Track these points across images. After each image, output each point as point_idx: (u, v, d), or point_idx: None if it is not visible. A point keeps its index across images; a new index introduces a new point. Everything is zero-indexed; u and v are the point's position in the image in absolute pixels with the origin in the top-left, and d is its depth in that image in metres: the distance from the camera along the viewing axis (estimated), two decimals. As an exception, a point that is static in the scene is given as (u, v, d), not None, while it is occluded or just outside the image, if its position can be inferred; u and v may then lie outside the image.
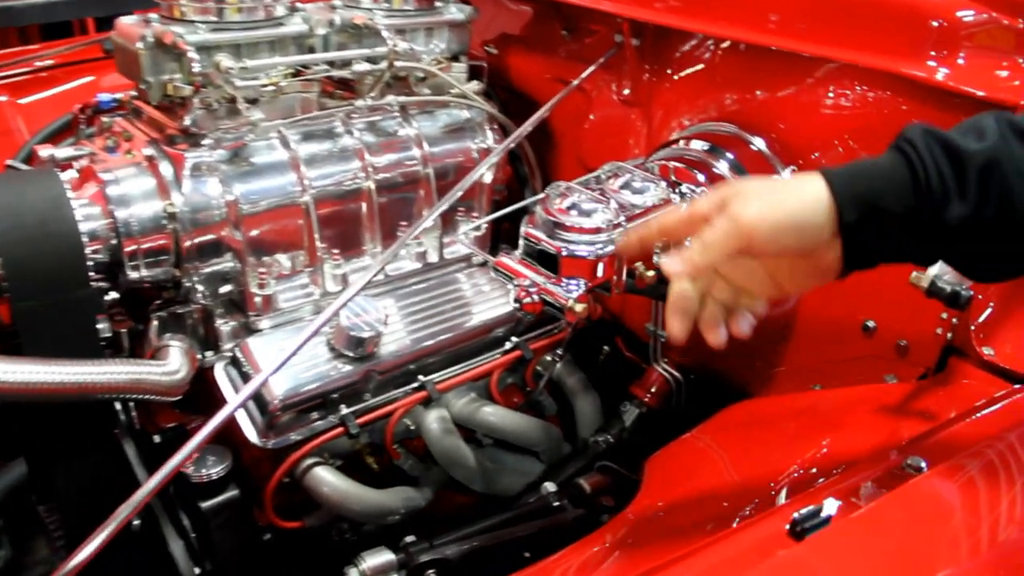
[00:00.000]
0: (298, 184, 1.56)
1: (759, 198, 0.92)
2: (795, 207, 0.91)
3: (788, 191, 0.93)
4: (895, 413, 1.33)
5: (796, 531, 1.01)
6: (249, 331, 1.59)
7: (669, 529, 1.23)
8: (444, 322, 1.68)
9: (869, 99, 1.41)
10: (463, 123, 1.78)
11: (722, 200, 0.94)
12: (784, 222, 0.91)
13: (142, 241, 1.46)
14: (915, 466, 1.12)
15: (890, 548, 1.02)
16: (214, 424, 1.19)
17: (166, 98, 1.50)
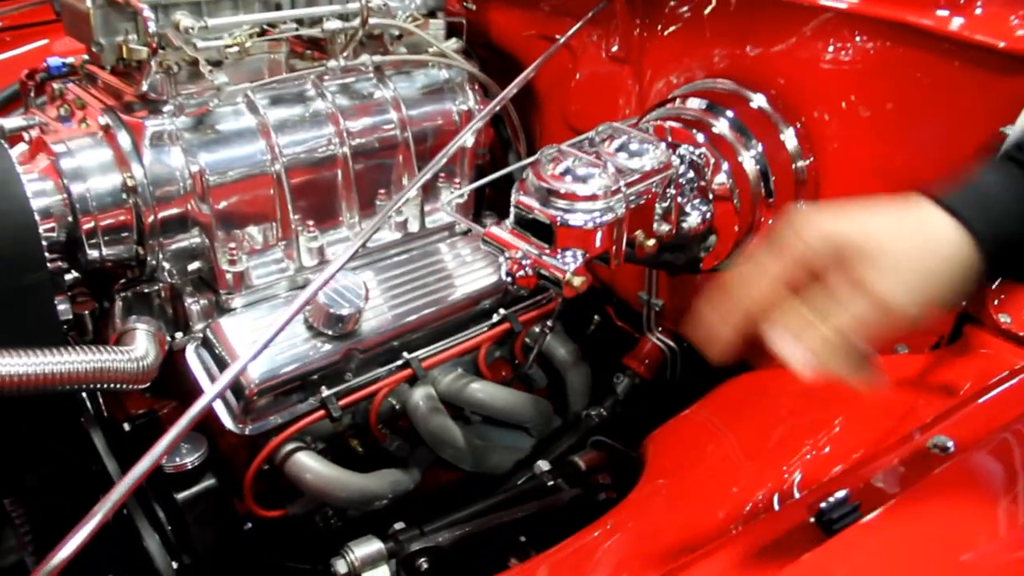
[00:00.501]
0: (268, 152, 1.44)
1: (909, 282, 0.76)
2: (943, 274, 0.78)
3: (928, 251, 0.78)
4: (912, 387, 1.24)
5: (824, 521, 0.93)
6: (221, 310, 1.48)
7: (679, 518, 1.15)
8: (428, 295, 1.58)
9: (874, 52, 1.30)
10: (442, 84, 1.66)
11: (838, 254, 0.77)
12: (935, 296, 0.78)
13: (101, 217, 1.33)
14: (941, 446, 1.04)
15: (928, 542, 0.93)
16: (191, 415, 1.08)
17: (121, 61, 1.36)
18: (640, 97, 1.57)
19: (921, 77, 1.25)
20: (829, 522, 0.93)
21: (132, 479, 1.02)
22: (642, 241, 1.25)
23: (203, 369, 1.44)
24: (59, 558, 0.98)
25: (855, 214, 0.80)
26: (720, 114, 1.35)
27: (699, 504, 1.15)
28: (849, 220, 0.79)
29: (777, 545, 0.94)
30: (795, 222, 0.81)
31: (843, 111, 1.34)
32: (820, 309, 0.79)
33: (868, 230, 0.78)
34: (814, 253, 0.79)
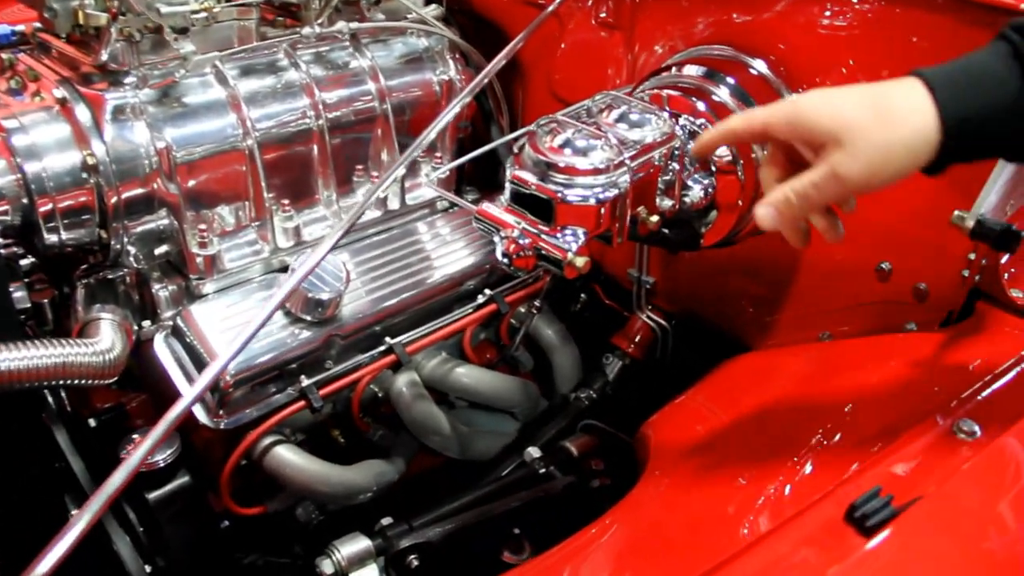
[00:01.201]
0: (239, 126, 1.33)
1: (867, 157, 0.83)
2: (904, 162, 0.84)
3: (896, 137, 0.83)
4: (927, 367, 1.18)
5: (856, 519, 0.86)
6: (191, 296, 1.38)
7: (686, 516, 1.07)
8: (410, 277, 1.48)
9: (873, 14, 1.24)
10: (421, 52, 1.55)
11: (810, 139, 0.87)
12: (891, 177, 0.84)
13: (59, 199, 1.22)
14: (968, 431, 0.98)
15: (970, 538, 0.87)
16: (168, 420, 0.98)
17: (77, 29, 1.24)
18: (631, 66, 1.49)
19: (921, 37, 1.19)
20: (863, 518, 0.86)
21: (109, 491, 0.92)
22: (645, 217, 1.16)
23: (174, 360, 1.33)
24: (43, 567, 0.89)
25: (834, 99, 0.86)
26: (721, 81, 1.27)
27: (706, 500, 1.07)
28: (828, 107, 0.86)
29: (809, 548, 0.87)
30: (785, 111, 0.89)
31: (844, 76, 1.27)
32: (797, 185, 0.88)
33: (842, 115, 0.84)
34: (795, 132, 0.88)
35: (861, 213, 1.28)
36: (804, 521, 0.89)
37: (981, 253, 1.19)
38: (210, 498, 1.39)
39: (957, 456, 0.95)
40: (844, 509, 0.87)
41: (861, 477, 0.92)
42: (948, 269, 1.22)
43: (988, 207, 1.07)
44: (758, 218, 0.91)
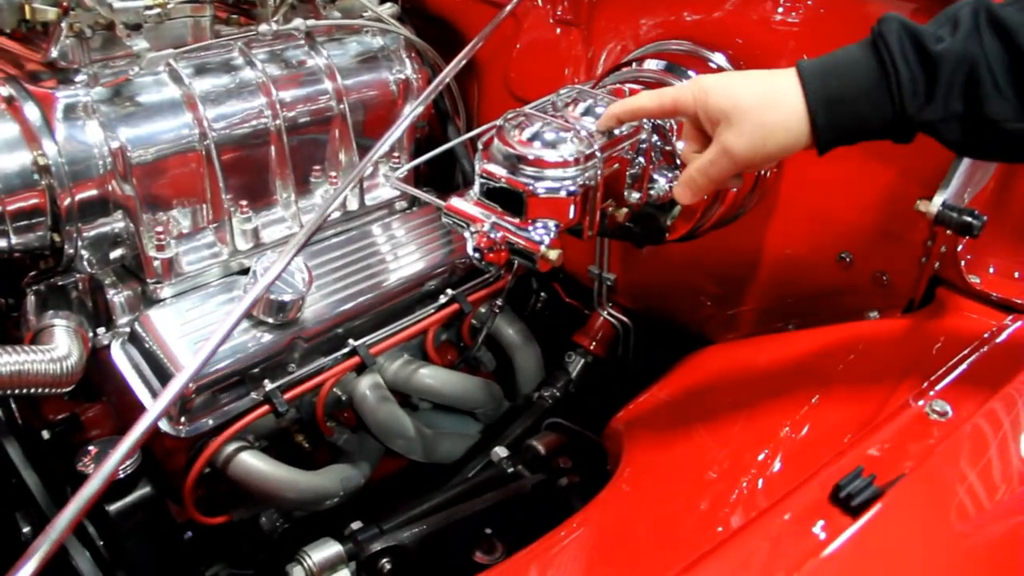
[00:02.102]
0: (196, 126, 1.29)
1: (750, 134, 0.93)
2: (783, 139, 0.93)
3: (774, 118, 0.93)
4: (892, 351, 1.20)
5: (841, 499, 0.87)
6: (148, 301, 1.33)
7: (662, 512, 1.06)
8: (372, 278, 1.46)
9: (825, 8, 1.26)
10: (377, 51, 1.53)
11: (709, 117, 0.96)
12: (773, 153, 0.94)
13: (8, 201, 1.17)
14: (940, 411, 1.00)
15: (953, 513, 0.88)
16: (133, 438, 0.93)
17: (24, 24, 1.20)
18: (589, 63, 1.49)
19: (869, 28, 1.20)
20: (848, 498, 0.87)
21: (71, 513, 0.88)
22: (614, 210, 1.16)
23: (132, 368, 1.29)
24: None
25: (730, 82, 0.97)
26: (681, 75, 1.28)
27: (679, 496, 1.07)
28: (723, 89, 0.96)
29: (797, 529, 0.87)
30: (691, 90, 0.97)
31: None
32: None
33: (733, 97, 0.95)
34: (696, 108, 0.97)
35: (821, 205, 1.31)
36: (790, 503, 0.89)
37: (939, 241, 1.21)
38: (171, 509, 1.34)
39: (932, 436, 0.96)
40: (829, 490, 0.88)
41: (842, 459, 0.93)
42: (907, 257, 1.24)
43: (952, 193, 1.09)
44: (676, 196, 1.03)
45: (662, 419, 1.28)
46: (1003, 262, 1.27)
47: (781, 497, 0.90)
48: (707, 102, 0.96)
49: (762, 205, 1.35)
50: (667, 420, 1.27)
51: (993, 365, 1.09)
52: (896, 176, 1.22)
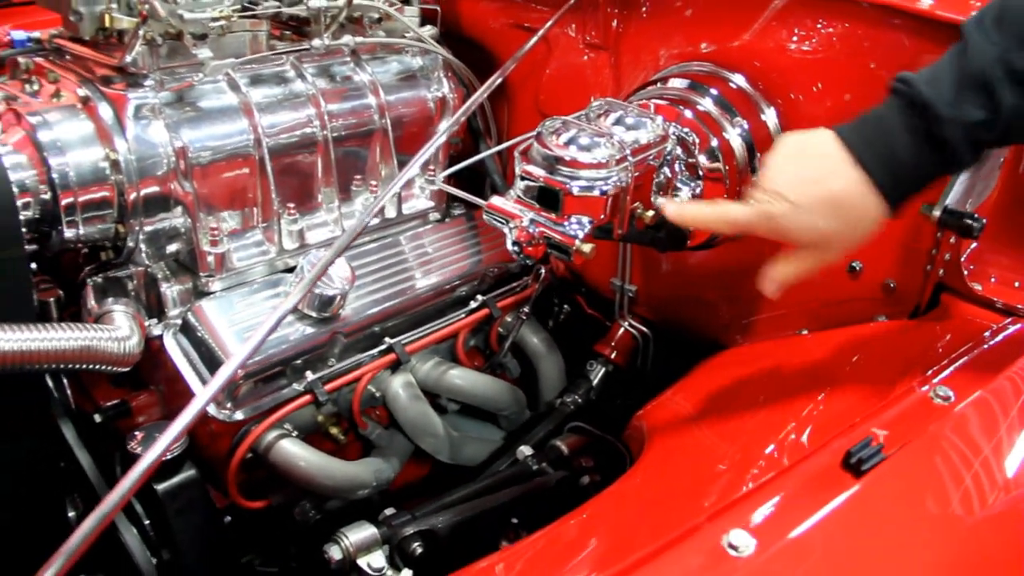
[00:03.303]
0: (251, 132, 1.42)
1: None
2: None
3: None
4: (900, 348, 1.31)
5: (851, 464, 0.97)
6: (199, 294, 1.44)
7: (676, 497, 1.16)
8: (408, 281, 1.58)
9: (838, 35, 1.38)
10: (417, 70, 1.67)
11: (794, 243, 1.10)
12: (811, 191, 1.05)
13: (81, 193, 1.29)
14: (944, 396, 1.10)
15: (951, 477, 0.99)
16: (186, 418, 1.03)
17: (101, 32, 1.33)
18: (616, 84, 1.62)
19: (889, 57, 1.32)
20: (858, 464, 0.97)
21: (123, 490, 0.95)
22: (641, 213, 1.28)
23: (183, 357, 1.40)
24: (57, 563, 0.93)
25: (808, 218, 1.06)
26: (704, 92, 1.41)
27: (688, 485, 1.16)
28: (807, 225, 1.07)
29: (809, 488, 0.97)
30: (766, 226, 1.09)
31: (815, 94, 1.41)
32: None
33: (819, 232, 1.07)
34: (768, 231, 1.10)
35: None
36: (803, 468, 1.00)
37: (944, 249, 1.33)
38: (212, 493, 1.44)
39: (936, 415, 1.07)
40: (840, 457, 0.98)
41: (853, 431, 1.03)
42: (914, 266, 1.36)
43: (954, 199, 1.21)
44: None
45: (679, 416, 1.37)
46: (1004, 272, 1.38)
47: (794, 462, 1.00)
48: (789, 236, 1.09)
49: (778, 217, 1.46)
50: (683, 417, 1.37)
51: (994, 358, 1.20)
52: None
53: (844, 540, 0.90)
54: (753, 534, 0.89)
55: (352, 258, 1.55)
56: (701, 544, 0.89)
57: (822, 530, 0.90)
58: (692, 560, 0.88)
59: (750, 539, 0.88)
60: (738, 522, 0.90)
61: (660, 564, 0.87)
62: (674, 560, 0.88)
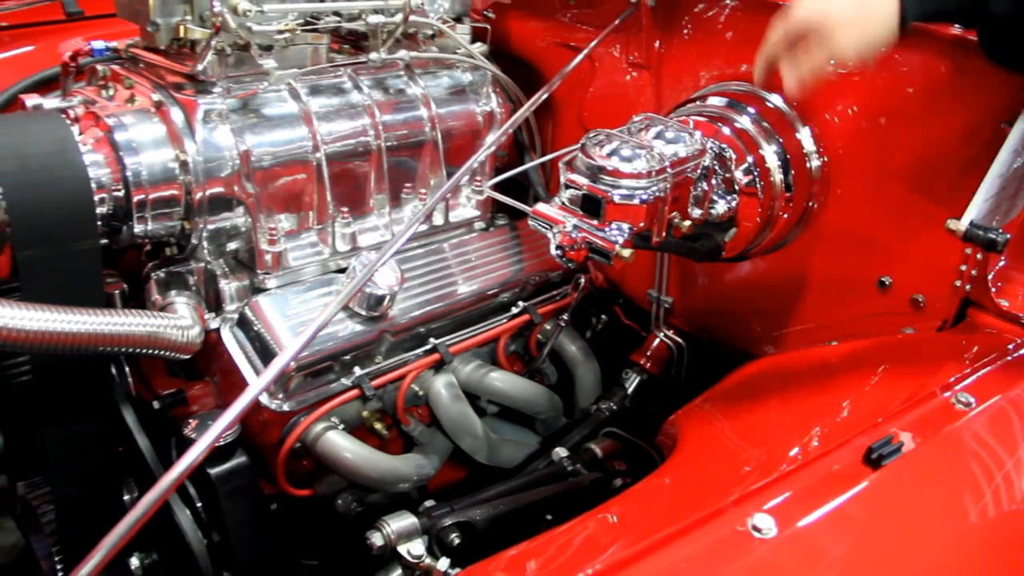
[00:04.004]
0: (310, 139, 1.52)
1: (852, 32, 1.20)
2: (880, 35, 1.20)
3: (873, 17, 1.20)
4: (926, 360, 1.37)
5: (873, 459, 1.04)
6: (255, 291, 1.54)
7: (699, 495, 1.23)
8: (452, 285, 1.67)
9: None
10: (466, 85, 1.76)
11: (817, 27, 1.22)
12: (870, 49, 1.21)
13: (152, 191, 1.40)
14: (965, 402, 1.17)
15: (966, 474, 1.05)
16: (241, 404, 1.11)
17: (175, 42, 1.44)
18: (657, 103, 1.70)
19: (923, 80, 1.40)
20: (879, 459, 1.04)
21: (179, 471, 1.04)
22: (678, 222, 1.36)
23: (239, 349, 1.49)
24: (114, 537, 1.01)
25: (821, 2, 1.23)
26: (742, 110, 1.49)
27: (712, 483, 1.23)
28: (815, 5, 1.23)
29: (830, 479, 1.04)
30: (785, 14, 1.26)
31: (851, 116, 1.48)
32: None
33: (831, 9, 1.22)
34: (796, 25, 1.24)
35: (863, 232, 1.49)
36: (826, 462, 1.06)
37: (971, 265, 1.39)
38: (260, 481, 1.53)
39: (955, 419, 1.13)
40: (862, 452, 1.05)
41: (875, 430, 1.10)
42: (942, 281, 1.42)
43: (979, 213, 1.28)
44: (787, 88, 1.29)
45: (709, 421, 1.45)
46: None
47: (816, 455, 1.07)
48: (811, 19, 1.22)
49: (809, 233, 1.53)
50: (712, 421, 1.44)
51: (1017, 370, 1.26)
52: (934, 205, 1.40)
53: (859, 525, 0.97)
54: (775, 517, 0.96)
55: (401, 262, 1.64)
56: (727, 525, 0.96)
57: (839, 515, 0.97)
58: (717, 538, 0.95)
59: (772, 522, 0.95)
60: (762, 506, 0.97)
61: (687, 541, 0.94)
62: (700, 538, 0.95)
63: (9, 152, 1.28)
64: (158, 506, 1.04)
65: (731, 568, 0.91)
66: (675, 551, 0.93)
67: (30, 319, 1.19)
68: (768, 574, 0.91)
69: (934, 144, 1.40)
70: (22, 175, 1.28)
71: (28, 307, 1.20)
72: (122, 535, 1.02)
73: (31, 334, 1.19)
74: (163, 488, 1.04)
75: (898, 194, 1.44)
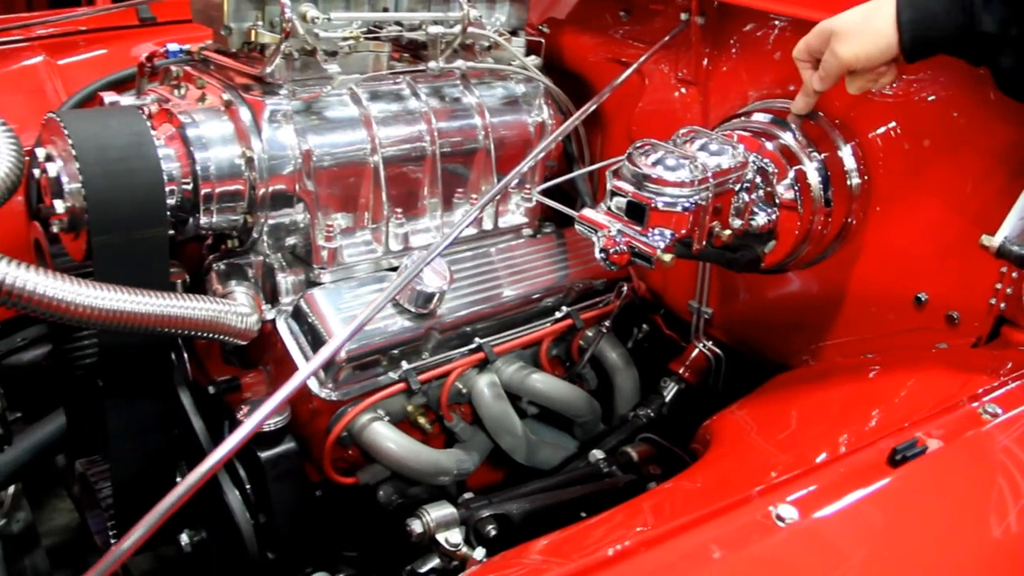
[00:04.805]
0: (369, 142, 1.61)
1: (852, 41, 1.34)
2: (876, 47, 1.32)
3: (872, 30, 1.32)
4: (957, 375, 1.41)
5: (897, 461, 1.09)
6: (310, 285, 1.63)
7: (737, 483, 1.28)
8: (499, 287, 1.75)
9: (918, 82, 1.51)
10: (520, 96, 1.85)
11: (825, 37, 1.37)
12: (868, 58, 1.34)
13: (218, 184, 1.49)
14: (993, 412, 1.21)
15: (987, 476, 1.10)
16: (290, 386, 1.20)
17: (246, 46, 1.54)
18: (704, 118, 1.77)
19: (964, 105, 1.45)
20: (903, 461, 1.09)
21: (228, 447, 1.12)
22: (719, 231, 1.43)
23: (292, 339, 1.58)
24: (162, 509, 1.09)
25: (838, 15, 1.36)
26: (785, 127, 1.55)
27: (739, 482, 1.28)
28: (831, 19, 1.37)
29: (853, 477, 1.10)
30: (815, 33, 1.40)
31: (893, 137, 1.54)
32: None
33: (837, 18, 1.35)
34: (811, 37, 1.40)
35: (901, 249, 1.55)
36: (850, 462, 1.12)
37: (1006, 284, 1.44)
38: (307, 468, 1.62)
39: (979, 426, 1.18)
40: (887, 454, 1.11)
41: (902, 433, 1.15)
42: (977, 298, 1.47)
43: (1012, 231, 1.33)
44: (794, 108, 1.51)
45: (741, 427, 1.50)
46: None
47: (840, 455, 1.13)
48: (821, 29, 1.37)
49: (848, 248, 1.59)
50: (745, 427, 1.49)
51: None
52: (970, 223, 1.45)
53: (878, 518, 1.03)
54: (798, 508, 1.01)
55: (450, 263, 1.73)
56: (751, 513, 1.02)
57: (859, 508, 1.02)
58: (741, 524, 1.01)
59: (796, 512, 1.01)
60: (786, 498, 1.03)
61: (711, 526, 1.00)
62: (724, 523, 1.01)
63: (90, 144, 1.38)
64: (204, 481, 1.11)
65: (751, 550, 0.97)
66: (699, 534, 1.00)
67: (105, 299, 1.29)
68: (787, 558, 0.97)
69: (972, 164, 1.46)
70: (101, 165, 1.38)
71: (103, 287, 1.30)
72: (169, 506, 1.09)
73: (105, 312, 1.29)
74: (211, 463, 1.11)
75: (936, 212, 1.49)
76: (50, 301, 1.24)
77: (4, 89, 2.03)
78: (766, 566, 0.97)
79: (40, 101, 2.01)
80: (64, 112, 1.45)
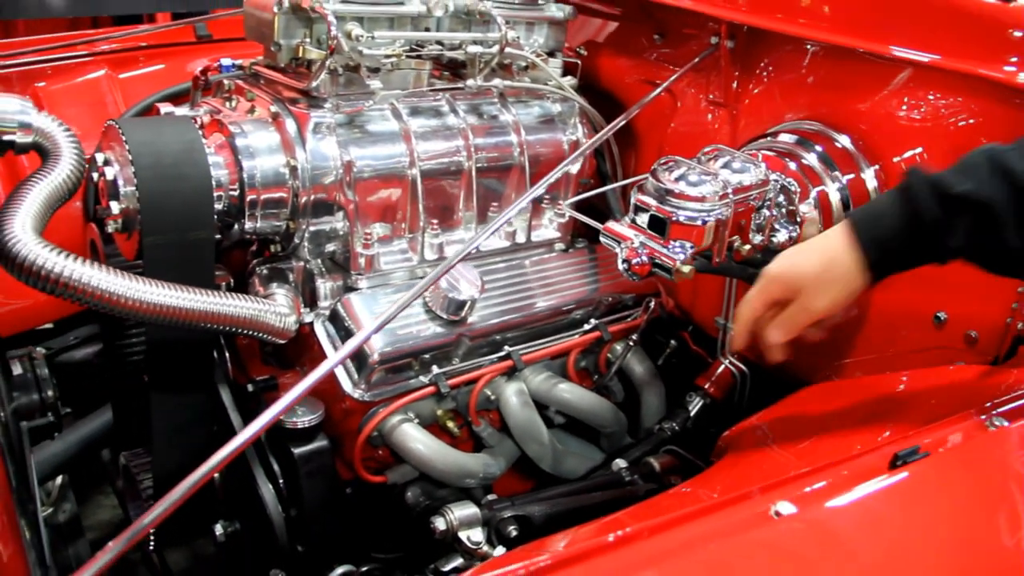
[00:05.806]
0: (408, 155, 1.71)
1: (824, 294, 1.33)
2: (849, 292, 1.32)
3: (838, 278, 1.32)
4: (971, 390, 1.46)
5: (899, 466, 1.15)
6: (348, 290, 1.73)
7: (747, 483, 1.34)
8: (531, 298, 1.83)
9: (946, 107, 1.57)
10: (555, 115, 1.94)
11: (791, 290, 1.36)
12: (842, 303, 1.34)
13: (263, 192, 1.60)
14: (998, 425, 1.26)
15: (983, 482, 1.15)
16: (315, 376, 1.27)
17: (294, 61, 1.66)
18: (733, 139, 1.84)
19: (993, 132, 1.50)
20: (903, 465, 1.15)
21: (257, 428, 1.19)
22: (739, 246, 1.50)
23: (329, 341, 1.68)
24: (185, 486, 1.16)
25: (792, 256, 1.37)
26: (810, 148, 1.62)
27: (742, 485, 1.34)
28: (787, 263, 1.37)
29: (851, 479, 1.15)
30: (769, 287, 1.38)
31: (918, 163, 1.60)
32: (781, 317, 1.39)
33: (796, 269, 1.35)
34: (773, 290, 1.37)
35: (922, 269, 1.60)
36: (852, 467, 1.18)
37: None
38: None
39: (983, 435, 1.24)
40: (888, 459, 1.16)
41: (904, 441, 1.21)
42: (995, 317, 1.52)
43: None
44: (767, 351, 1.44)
45: (758, 437, 1.56)
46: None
47: (842, 459, 1.19)
48: (784, 284, 1.35)
49: (871, 268, 1.65)
50: (761, 438, 1.55)
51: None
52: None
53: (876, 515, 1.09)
54: (797, 506, 1.08)
55: (483, 273, 1.81)
56: (750, 508, 1.09)
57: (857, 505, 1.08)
58: (739, 518, 1.07)
59: (794, 510, 1.07)
60: (786, 496, 1.10)
61: (710, 519, 1.07)
62: (723, 517, 1.07)
63: (146, 150, 1.50)
64: (228, 461, 1.18)
65: (746, 536, 1.04)
66: (697, 526, 1.06)
67: (153, 294, 1.39)
68: (781, 544, 1.04)
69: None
70: (154, 170, 1.50)
71: (152, 283, 1.40)
72: (194, 483, 1.16)
73: (153, 306, 1.40)
74: (237, 443, 1.17)
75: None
76: (102, 294, 1.35)
77: (69, 100, 2.18)
78: (760, 551, 1.04)
79: (101, 112, 2.16)
80: (123, 120, 1.57)
